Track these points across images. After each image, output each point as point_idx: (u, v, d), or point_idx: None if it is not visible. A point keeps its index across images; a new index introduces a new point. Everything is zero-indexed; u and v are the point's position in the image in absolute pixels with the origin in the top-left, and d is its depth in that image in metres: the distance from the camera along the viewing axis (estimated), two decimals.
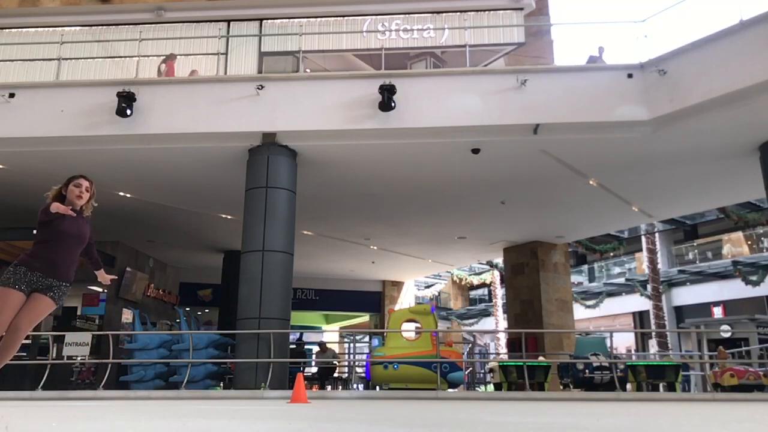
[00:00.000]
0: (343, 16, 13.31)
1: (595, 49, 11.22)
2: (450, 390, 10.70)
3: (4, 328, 4.05)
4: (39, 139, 10.29)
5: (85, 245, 4.66)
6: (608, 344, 11.45)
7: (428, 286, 31.32)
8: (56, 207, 4.46)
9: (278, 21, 13.50)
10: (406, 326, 11.50)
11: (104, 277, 4.88)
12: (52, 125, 10.24)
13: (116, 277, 4.84)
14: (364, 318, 24.60)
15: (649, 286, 21.46)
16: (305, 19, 13.28)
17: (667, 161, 11.00)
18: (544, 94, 10.00)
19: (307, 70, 12.52)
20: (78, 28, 13.64)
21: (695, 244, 24.31)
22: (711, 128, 9.71)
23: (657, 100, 9.64)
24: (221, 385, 10.85)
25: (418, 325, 11.40)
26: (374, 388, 11.18)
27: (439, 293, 33.32)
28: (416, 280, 25.67)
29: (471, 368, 15.02)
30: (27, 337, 12.27)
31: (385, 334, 12.78)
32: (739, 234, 22.35)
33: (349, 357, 14.87)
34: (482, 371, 16.20)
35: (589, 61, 10.93)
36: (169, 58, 11.75)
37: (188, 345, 10.03)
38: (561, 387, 11.52)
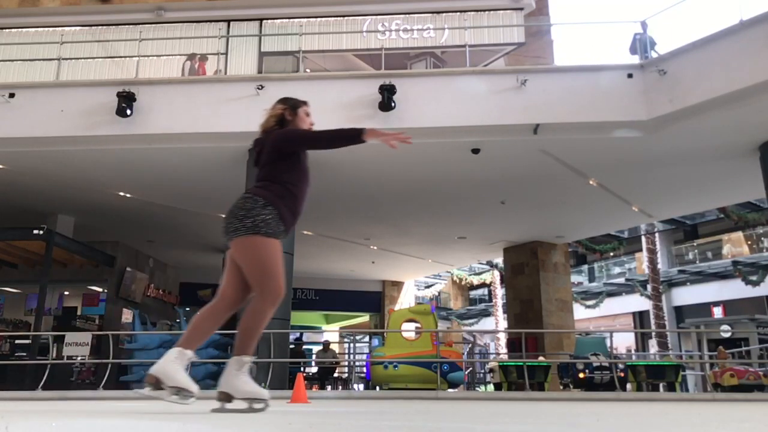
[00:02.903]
0: (343, 16, 13.31)
1: (594, 49, 11.14)
2: (450, 390, 10.70)
3: (282, 287, 3.22)
4: (39, 139, 10.29)
5: None
6: (608, 344, 11.46)
7: (428, 286, 31.32)
8: (377, 133, 3.20)
9: (278, 21, 13.50)
10: (406, 326, 11.51)
11: None
12: (52, 125, 10.23)
13: None
14: (364, 318, 24.60)
15: (649, 286, 21.46)
16: (305, 19, 13.27)
17: (667, 161, 11.00)
18: (544, 94, 9.99)
19: (307, 70, 12.51)
20: (78, 28, 13.63)
21: (695, 244, 24.32)
22: (711, 128, 9.71)
23: (657, 100, 9.64)
24: None
25: (418, 325, 11.40)
26: (374, 388, 11.18)
27: (439, 293, 33.31)
28: (416, 280, 25.67)
29: (471, 368, 15.02)
30: (26, 337, 12.35)
31: (385, 334, 12.78)
32: (739, 234, 22.36)
33: (349, 357, 14.87)
34: (482, 371, 16.21)
35: (633, 40, 10.61)
36: (201, 59, 11.65)
37: None
38: (561, 387, 11.52)
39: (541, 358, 11.84)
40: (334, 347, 14.85)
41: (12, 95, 10.32)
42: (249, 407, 3.08)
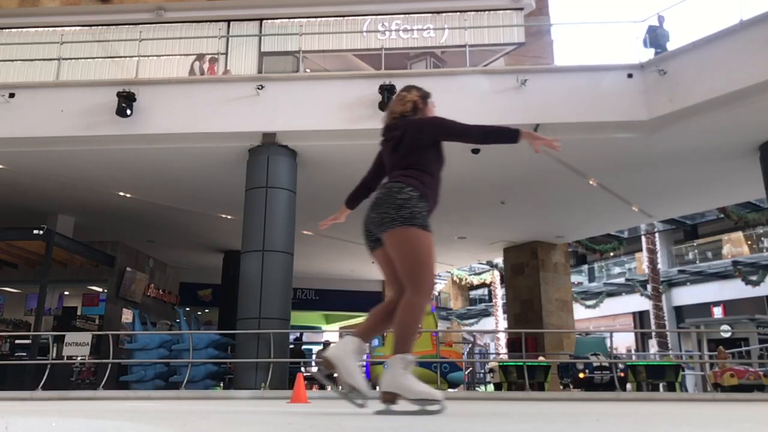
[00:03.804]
0: (343, 16, 13.31)
1: (594, 49, 11.15)
2: (450, 390, 10.70)
3: (434, 282, 3.08)
4: (39, 139, 10.29)
5: None
6: (608, 344, 11.46)
7: None
8: (531, 135, 3.25)
9: (278, 21, 13.50)
10: None
11: None
12: (52, 125, 10.24)
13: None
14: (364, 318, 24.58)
15: (649, 286, 21.47)
16: (305, 19, 13.28)
17: (667, 161, 11.00)
18: (544, 94, 10.00)
19: (307, 70, 12.52)
20: (78, 28, 13.64)
21: (695, 244, 24.33)
22: (711, 128, 9.71)
23: (657, 100, 9.65)
24: (221, 385, 10.85)
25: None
26: (374, 388, 11.17)
27: (439, 293, 33.32)
28: None
29: (471, 368, 15.02)
30: (26, 337, 12.34)
31: (385, 333, 12.75)
32: (739, 234, 22.37)
33: None
34: (482, 371, 16.21)
35: (648, 31, 10.60)
36: (211, 61, 11.68)
37: (188, 345, 10.04)
38: (561, 387, 11.52)
39: (541, 358, 11.84)
40: None
41: (12, 95, 10.32)
42: (421, 409, 2.83)
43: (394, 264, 3.05)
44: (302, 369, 13.88)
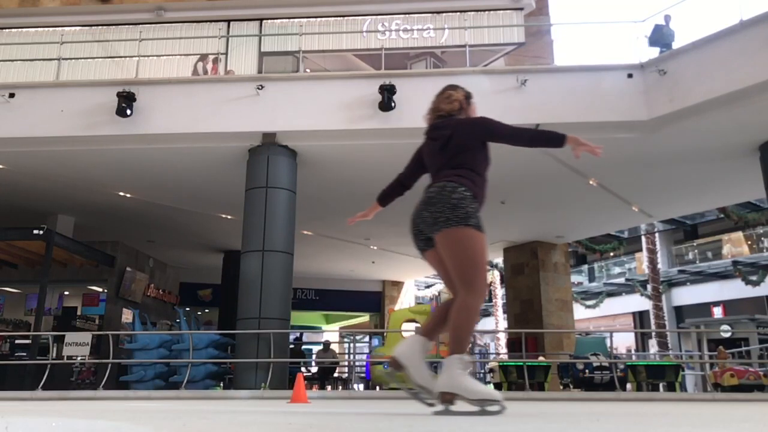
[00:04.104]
0: (343, 16, 13.31)
1: (594, 49, 11.14)
2: None
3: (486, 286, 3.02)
4: (39, 139, 10.29)
5: None
6: (608, 344, 11.46)
7: (428, 286, 31.31)
8: (576, 140, 3.24)
9: (278, 21, 13.50)
10: (406, 326, 11.51)
11: None
12: (52, 125, 10.24)
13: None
14: (364, 318, 24.61)
15: (649, 286, 21.46)
16: (305, 19, 13.28)
17: (667, 161, 11.00)
18: (544, 94, 9.99)
19: (307, 70, 12.52)
20: (78, 28, 13.64)
21: (695, 244, 24.33)
22: (711, 128, 9.71)
23: (657, 100, 9.64)
24: (221, 385, 10.85)
25: (418, 325, 11.40)
26: (374, 388, 11.18)
27: (439, 293, 33.28)
28: (416, 280, 25.67)
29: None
30: (26, 337, 12.35)
31: (385, 334, 12.76)
32: (739, 234, 22.37)
33: (349, 357, 14.86)
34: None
35: (654, 30, 10.52)
36: (214, 62, 11.74)
37: (188, 345, 10.03)
38: (561, 387, 11.52)
39: (541, 358, 11.84)
40: (334, 347, 14.84)
41: (12, 95, 10.32)
42: (481, 409, 2.78)
43: (447, 264, 3.02)
44: (302, 369, 13.89)
